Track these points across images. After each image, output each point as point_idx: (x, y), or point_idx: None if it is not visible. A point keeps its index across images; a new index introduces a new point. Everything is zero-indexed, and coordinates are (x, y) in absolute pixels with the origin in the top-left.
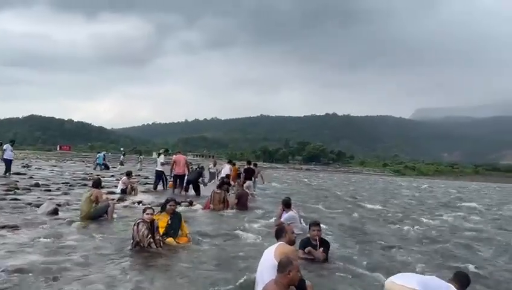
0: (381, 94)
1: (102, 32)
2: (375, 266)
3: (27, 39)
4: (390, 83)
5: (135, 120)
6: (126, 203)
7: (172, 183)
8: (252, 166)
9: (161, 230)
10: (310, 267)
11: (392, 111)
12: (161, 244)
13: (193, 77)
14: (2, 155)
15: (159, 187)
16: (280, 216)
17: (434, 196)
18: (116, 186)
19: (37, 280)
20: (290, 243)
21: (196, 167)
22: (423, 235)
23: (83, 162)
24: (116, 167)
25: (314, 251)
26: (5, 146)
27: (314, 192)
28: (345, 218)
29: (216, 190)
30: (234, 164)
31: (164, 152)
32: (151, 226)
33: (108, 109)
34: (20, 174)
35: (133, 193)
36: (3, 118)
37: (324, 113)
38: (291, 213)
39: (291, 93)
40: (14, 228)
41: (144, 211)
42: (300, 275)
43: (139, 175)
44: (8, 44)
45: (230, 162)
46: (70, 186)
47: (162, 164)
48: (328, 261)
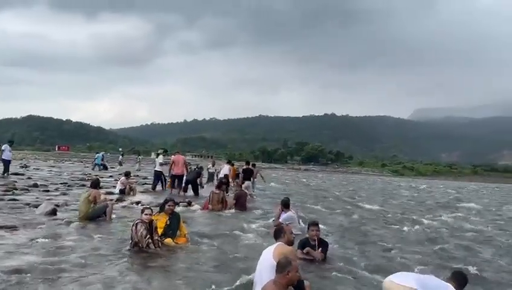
0: (380, 94)
1: (101, 32)
2: (374, 267)
3: (26, 39)
4: (389, 83)
5: (134, 120)
6: (124, 203)
7: (170, 183)
8: (251, 166)
9: (160, 230)
10: (309, 267)
11: (391, 111)
12: (159, 244)
13: (192, 77)
14: (1, 155)
15: (158, 187)
16: (279, 216)
17: (433, 197)
18: (114, 186)
19: (35, 281)
20: (289, 244)
21: (195, 167)
22: (423, 236)
23: (82, 162)
24: (114, 168)
25: (312, 251)
26: (4, 146)
27: (312, 192)
28: (344, 218)
29: (215, 190)
30: (233, 164)
31: (163, 152)
32: (149, 226)
33: (107, 109)
34: (18, 174)
35: (132, 194)
36: (1, 118)
37: (323, 113)
38: (289, 213)
39: (290, 93)
40: (12, 229)
41: (143, 212)
42: (299, 275)
43: (138, 175)
44: (7, 44)
45: (229, 162)
46: (68, 186)
47: (161, 164)
48: (327, 261)
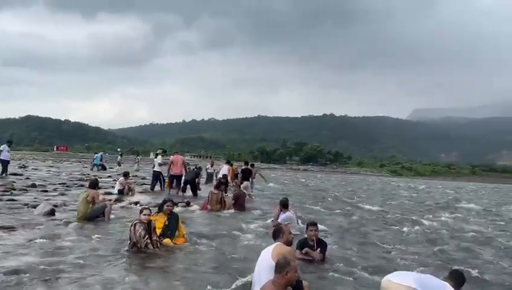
0: (378, 95)
1: (100, 32)
2: (373, 267)
3: (25, 39)
4: (387, 84)
5: (132, 120)
6: (123, 203)
7: (168, 183)
8: (250, 167)
9: (158, 231)
10: (308, 267)
11: (390, 112)
12: (158, 245)
13: (191, 78)
14: None
15: (157, 188)
16: (277, 217)
17: (432, 197)
18: (113, 187)
19: (34, 281)
20: (288, 244)
21: (194, 168)
22: (422, 237)
23: (80, 162)
24: (113, 168)
25: (311, 252)
26: (2, 147)
27: (311, 193)
28: (343, 219)
29: (213, 191)
30: (232, 165)
31: (162, 153)
32: (148, 227)
33: (105, 110)
34: (16, 174)
35: (130, 194)
36: None
37: (322, 113)
38: (288, 214)
39: (288, 93)
40: (11, 229)
41: (141, 212)
42: (297, 276)
43: (136, 176)
44: (5, 44)
45: (228, 162)
46: (67, 187)
47: (160, 165)
48: (326, 261)
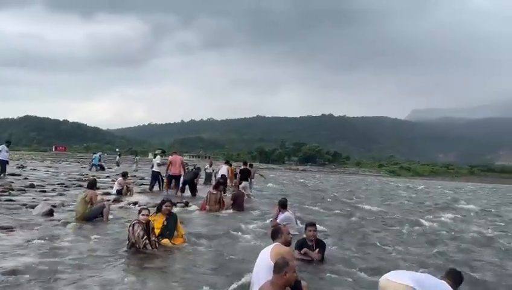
0: (377, 95)
1: (98, 32)
2: (372, 268)
3: (22, 39)
4: (386, 84)
5: (131, 120)
6: (122, 204)
7: (167, 183)
8: (248, 167)
9: (157, 231)
10: (306, 268)
11: (388, 112)
12: (157, 245)
13: (189, 78)
14: None
15: (155, 188)
16: (276, 217)
17: (431, 197)
18: (111, 187)
19: (32, 282)
20: (286, 244)
21: (192, 168)
22: (422, 237)
23: (78, 163)
24: (112, 168)
25: (310, 252)
26: (1, 147)
27: (310, 193)
28: (342, 219)
29: (212, 191)
30: (231, 165)
31: (160, 153)
32: (146, 227)
33: (104, 110)
34: (15, 175)
35: (129, 194)
36: None
37: (320, 114)
38: (287, 214)
39: (287, 94)
40: (9, 229)
41: (140, 212)
42: (296, 276)
43: (135, 176)
44: (3, 44)
45: (227, 162)
46: (65, 187)
47: (159, 165)
48: (325, 262)
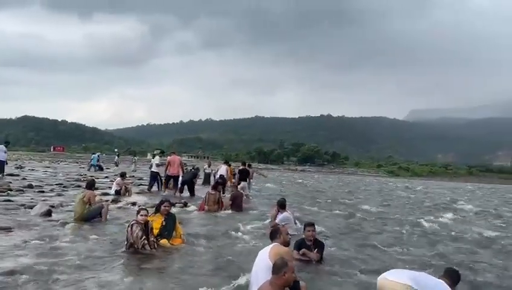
0: (375, 95)
1: (97, 32)
2: (371, 269)
3: (21, 39)
4: (384, 84)
5: (130, 121)
6: (120, 204)
7: (165, 183)
8: (247, 167)
9: (155, 231)
10: (305, 268)
11: (387, 112)
12: (155, 245)
13: (188, 78)
14: None
15: (154, 188)
16: (275, 217)
17: (430, 198)
18: (110, 187)
19: (30, 283)
20: (285, 244)
21: (191, 168)
22: (421, 238)
23: (77, 163)
24: (110, 168)
25: (308, 253)
26: None
27: (309, 193)
28: (341, 220)
29: (210, 191)
30: (230, 165)
31: (159, 153)
32: (145, 227)
33: (102, 110)
34: (13, 175)
35: (127, 194)
36: None
37: (319, 114)
38: (286, 214)
39: (286, 94)
40: (7, 230)
41: (138, 213)
42: (295, 276)
43: (133, 176)
44: (2, 44)
45: (226, 162)
46: (63, 187)
47: (157, 165)
48: (323, 262)
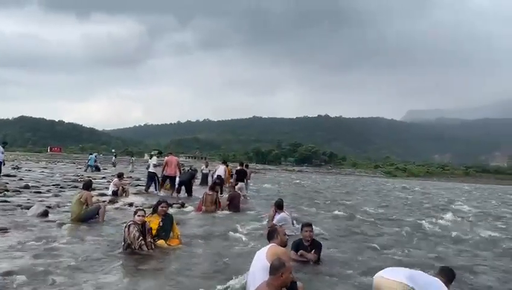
0: (373, 96)
1: (94, 33)
2: (369, 269)
3: (18, 39)
4: (382, 85)
5: (127, 121)
6: (117, 205)
7: (161, 183)
8: (244, 167)
9: (152, 232)
10: (302, 268)
11: (384, 113)
12: (152, 246)
13: (186, 78)
14: None
15: (151, 189)
16: (272, 218)
17: (428, 198)
18: (107, 188)
19: (27, 284)
20: (282, 245)
21: (188, 169)
22: (420, 238)
23: (74, 163)
24: (107, 169)
25: (306, 254)
26: None
27: (307, 194)
28: (339, 220)
29: (208, 192)
30: (227, 165)
31: (157, 154)
32: (142, 228)
33: (99, 110)
34: (10, 176)
35: (125, 195)
36: None
37: (316, 114)
38: (283, 215)
39: (283, 94)
40: (4, 231)
41: (135, 213)
42: (292, 277)
43: (131, 177)
44: None
45: (224, 162)
46: (61, 188)
47: (155, 166)
48: (321, 263)
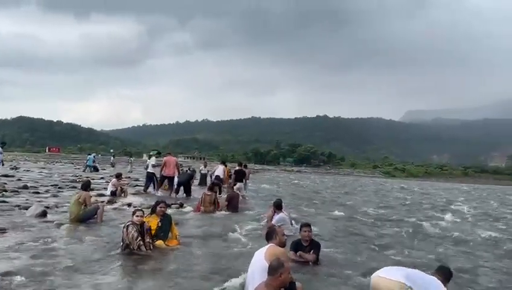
0: (371, 96)
1: (93, 33)
2: (367, 270)
3: (16, 39)
4: (381, 85)
5: (126, 121)
6: (116, 205)
7: (159, 184)
8: (243, 168)
9: (151, 232)
10: (301, 269)
11: (382, 113)
12: (151, 247)
13: (185, 79)
14: None
15: (150, 189)
16: (271, 218)
17: (427, 198)
18: (105, 188)
19: (25, 284)
20: (281, 245)
21: (187, 169)
22: (419, 239)
23: (72, 164)
24: (106, 169)
25: (305, 255)
26: None
27: (306, 194)
28: (339, 221)
29: (206, 192)
30: (226, 165)
31: (156, 154)
32: (141, 228)
33: (98, 110)
34: (8, 176)
35: (123, 195)
36: None
37: (315, 115)
38: (282, 215)
39: (282, 95)
40: (2, 231)
41: (134, 213)
42: (291, 277)
43: (129, 177)
44: None
45: (223, 163)
46: (59, 188)
47: (153, 166)
48: (320, 263)
